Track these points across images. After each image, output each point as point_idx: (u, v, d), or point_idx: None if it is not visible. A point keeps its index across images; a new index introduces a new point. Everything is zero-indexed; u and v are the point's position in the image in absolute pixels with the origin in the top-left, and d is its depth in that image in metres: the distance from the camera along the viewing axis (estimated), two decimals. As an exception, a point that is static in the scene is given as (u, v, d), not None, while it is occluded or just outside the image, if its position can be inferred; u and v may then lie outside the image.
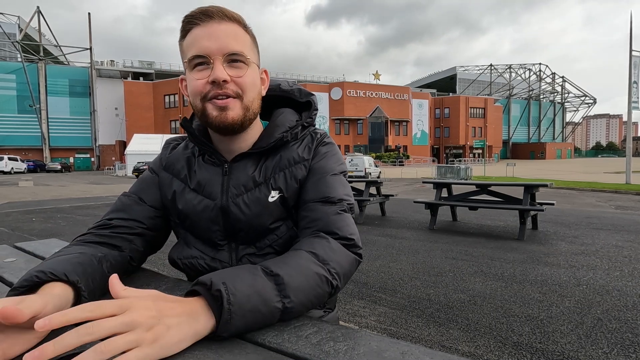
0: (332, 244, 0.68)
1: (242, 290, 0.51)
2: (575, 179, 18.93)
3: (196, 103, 0.75)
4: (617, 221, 6.49)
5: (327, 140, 0.88)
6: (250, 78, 0.76)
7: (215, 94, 0.72)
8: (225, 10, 0.74)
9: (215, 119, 0.73)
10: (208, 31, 0.72)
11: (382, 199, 7.40)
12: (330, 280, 0.63)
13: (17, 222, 6.76)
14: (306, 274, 0.60)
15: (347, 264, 0.68)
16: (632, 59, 15.62)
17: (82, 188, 16.25)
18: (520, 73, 73.45)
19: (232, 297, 0.49)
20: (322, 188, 0.78)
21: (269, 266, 0.58)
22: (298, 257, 0.63)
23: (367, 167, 22.04)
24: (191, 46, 0.73)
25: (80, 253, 0.65)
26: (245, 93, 0.75)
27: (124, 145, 39.92)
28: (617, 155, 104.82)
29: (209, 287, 0.50)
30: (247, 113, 0.76)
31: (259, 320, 0.52)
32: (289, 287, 0.56)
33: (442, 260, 4.07)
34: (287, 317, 0.56)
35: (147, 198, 0.84)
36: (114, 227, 0.78)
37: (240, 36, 0.75)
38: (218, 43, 0.71)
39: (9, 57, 45.92)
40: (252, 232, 0.80)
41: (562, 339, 2.23)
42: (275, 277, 0.56)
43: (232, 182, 0.80)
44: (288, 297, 0.55)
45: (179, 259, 0.85)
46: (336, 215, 0.74)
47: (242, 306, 0.50)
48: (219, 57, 0.71)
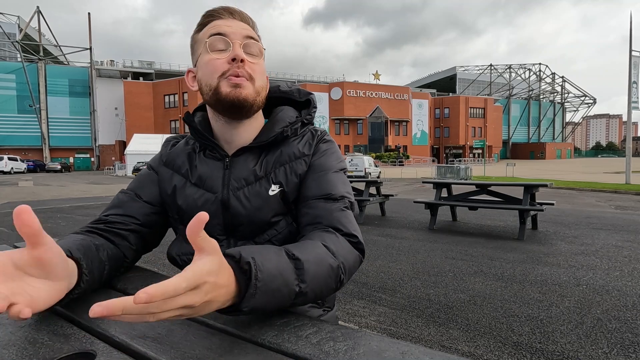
0: (340, 240, 0.69)
1: (268, 268, 0.52)
2: (575, 179, 18.94)
3: (210, 81, 0.76)
4: (616, 221, 6.49)
5: (327, 138, 0.89)
6: (261, 67, 0.80)
7: (234, 72, 0.75)
8: (245, 13, 0.81)
9: (229, 94, 0.75)
10: (229, 22, 0.77)
11: (382, 199, 7.39)
12: (339, 274, 0.64)
13: (16, 222, 6.76)
14: (322, 264, 0.61)
15: (352, 260, 0.70)
16: (631, 59, 15.63)
17: (81, 188, 16.25)
18: (520, 73, 73.46)
19: (259, 273, 0.50)
20: (324, 185, 0.79)
21: (291, 249, 0.59)
22: (316, 247, 0.63)
23: (367, 167, 22.03)
24: (211, 30, 0.77)
25: (80, 239, 0.67)
26: (257, 78, 0.78)
27: (123, 145, 39.92)
28: (617, 155, 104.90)
29: (237, 260, 0.51)
30: (257, 97, 0.79)
31: (278, 299, 0.53)
32: (307, 273, 0.57)
33: (442, 260, 4.07)
34: (299, 302, 0.57)
35: (143, 194, 0.85)
36: (109, 223, 0.79)
37: (255, 35, 0.80)
38: (239, 30, 0.77)
39: (9, 57, 45.91)
40: (251, 227, 0.80)
41: (562, 339, 2.23)
42: (296, 260, 0.57)
43: (233, 175, 0.80)
44: (305, 282, 0.56)
45: (178, 255, 0.85)
46: (339, 212, 0.75)
47: (267, 284, 0.51)
48: (238, 40, 0.76)
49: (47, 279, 0.50)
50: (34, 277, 0.48)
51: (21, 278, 0.47)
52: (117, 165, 32.91)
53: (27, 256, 0.47)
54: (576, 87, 77.01)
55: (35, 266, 0.48)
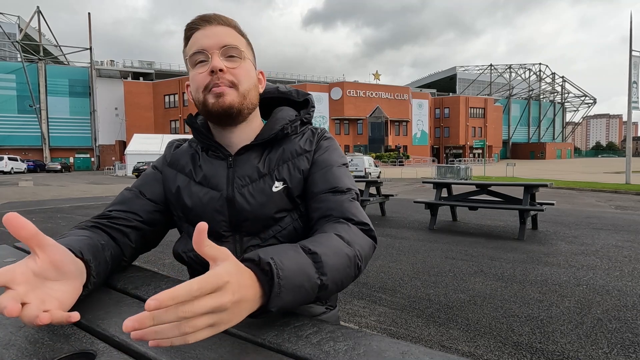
0: (352, 229, 0.71)
1: (288, 265, 0.52)
2: (575, 179, 18.94)
3: (198, 96, 0.79)
4: (616, 221, 6.49)
5: (327, 135, 0.92)
6: (245, 70, 0.81)
7: (215, 84, 0.77)
8: (221, 16, 0.81)
9: (213, 105, 0.77)
10: (206, 32, 0.79)
11: (382, 199, 7.40)
12: (357, 262, 0.65)
13: (17, 222, 6.76)
14: (339, 255, 0.62)
15: (367, 247, 0.71)
16: (632, 59, 15.64)
17: (82, 188, 16.25)
18: (520, 73, 73.47)
19: (281, 271, 0.51)
20: (330, 179, 0.81)
21: (306, 244, 0.60)
22: (330, 238, 0.65)
23: (367, 167, 22.03)
24: (192, 46, 0.79)
25: (87, 237, 0.68)
26: (240, 83, 0.79)
27: (123, 145, 39.92)
28: (617, 155, 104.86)
29: (257, 262, 0.51)
30: (244, 101, 0.80)
31: (303, 295, 0.54)
32: (326, 265, 0.57)
33: (442, 260, 4.07)
34: (323, 296, 0.57)
35: (147, 192, 0.87)
36: (112, 218, 0.80)
37: (235, 36, 0.81)
38: (215, 39, 0.78)
39: (9, 57, 45.92)
40: (256, 223, 0.81)
41: (562, 339, 2.23)
42: (313, 255, 0.58)
43: (237, 173, 0.82)
44: (325, 275, 0.57)
45: (184, 252, 0.86)
46: (349, 202, 0.78)
47: (290, 280, 0.51)
48: (216, 50, 0.77)
49: (64, 279, 0.51)
50: (52, 280, 0.49)
51: (43, 284, 0.48)
52: (117, 165, 32.92)
53: (40, 261, 0.48)
54: (576, 87, 77.03)
55: (51, 269, 0.49)
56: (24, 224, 0.45)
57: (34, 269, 0.47)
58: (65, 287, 0.50)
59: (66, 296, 0.50)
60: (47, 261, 0.48)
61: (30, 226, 0.45)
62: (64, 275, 0.51)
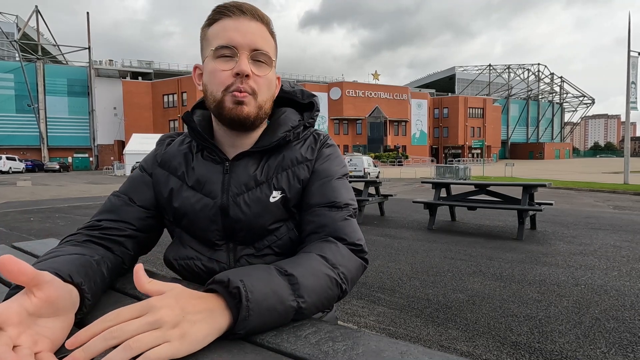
0: (340, 249, 0.69)
1: (259, 288, 0.51)
2: (574, 179, 18.97)
3: (216, 93, 0.75)
4: (615, 221, 6.51)
5: (330, 143, 0.88)
6: (268, 80, 0.77)
7: (237, 88, 0.73)
8: (258, 10, 0.76)
9: (231, 111, 0.74)
10: (238, 25, 0.73)
11: (381, 198, 7.40)
12: (339, 284, 0.63)
13: (15, 222, 6.74)
14: (318, 276, 0.60)
15: (354, 268, 0.69)
16: (629, 60, 15.67)
17: (80, 188, 16.22)
18: (519, 73, 73.57)
19: (250, 294, 0.49)
20: (328, 192, 0.78)
21: (282, 266, 0.58)
22: (310, 259, 0.63)
23: (366, 167, 22.02)
24: (219, 35, 0.74)
25: (79, 255, 0.64)
26: (260, 92, 0.76)
27: (122, 145, 39.86)
28: (615, 155, 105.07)
29: (226, 285, 0.50)
30: (259, 112, 0.77)
31: (275, 318, 0.52)
32: (302, 287, 0.56)
33: (440, 260, 4.07)
34: (300, 317, 0.56)
35: (137, 198, 0.82)
36: (104, 229, 0.76)
37: (268, 38, 0.77)
38: (247, 38, 0.73)
39: (7, 57, 45.80)
40: (251, 233, 0.79)
41: (560, 339, 2.23)
42: (289, 276, 0.56)
43: (233, 180, 0.78)
44: (302, 297, 0.55)
45: (175, 259, 0.83)
46: (343, 221, 0.75)
47: (260, 304, 0.50)
48: (246, 51, 0.73)
49: (57, 315, 0.49)
50: (45, 317, 0.47)
51: (35, 322, 0.46)
52: (115, 165, 32.84)
53: (37, 299, 0.46)
54: (575, 87, 77.17)
55: (46, 307, 0.47)
56: (22, 269, 0.43)
57: (28, 308, 0.45)
58: (58, 324, 0.48)
59: (58, 333, 0.47)
60: (43, 299, 0.46)
61: (28, 269, 0.44)
62: (57, 311, 0.48)
